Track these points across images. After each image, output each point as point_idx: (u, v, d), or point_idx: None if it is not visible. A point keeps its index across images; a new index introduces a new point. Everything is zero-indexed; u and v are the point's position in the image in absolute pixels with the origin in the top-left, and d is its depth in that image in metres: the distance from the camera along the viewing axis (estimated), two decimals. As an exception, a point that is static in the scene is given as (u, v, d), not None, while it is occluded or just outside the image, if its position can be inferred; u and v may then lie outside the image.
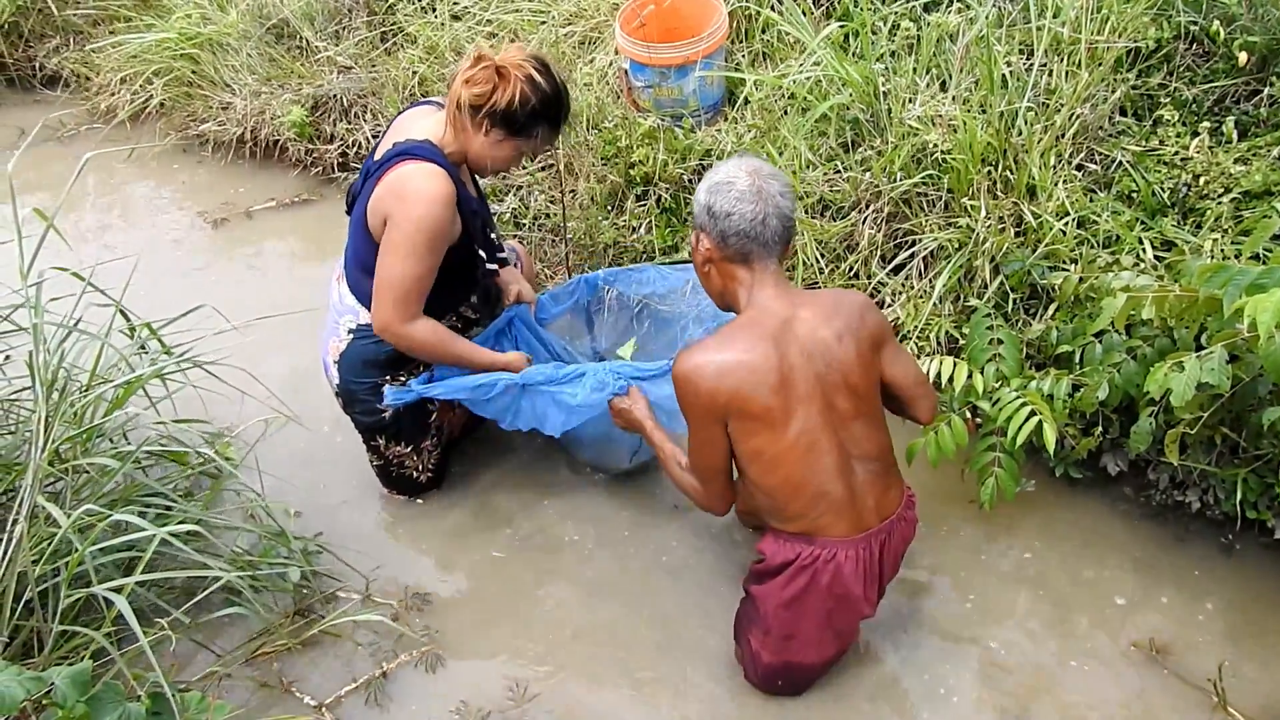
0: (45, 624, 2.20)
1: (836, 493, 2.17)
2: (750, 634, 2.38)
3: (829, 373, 2.12)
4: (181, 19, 4.49)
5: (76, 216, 4.18)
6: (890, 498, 2.27)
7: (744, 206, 2.08)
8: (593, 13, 3.89)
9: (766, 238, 2.10)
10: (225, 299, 2.96)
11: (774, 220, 2.09)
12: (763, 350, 2.08)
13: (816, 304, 2.16)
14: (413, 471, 2.86)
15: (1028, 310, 2.88)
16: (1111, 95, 3.01)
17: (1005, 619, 2.58)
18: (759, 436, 2.11)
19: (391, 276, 2.37)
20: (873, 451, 2.22)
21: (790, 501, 2.18)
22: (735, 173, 2.11)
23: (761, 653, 2.35)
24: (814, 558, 2.20)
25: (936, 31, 3.14)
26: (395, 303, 2.40)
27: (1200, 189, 2.83)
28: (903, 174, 2.99)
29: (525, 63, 2.33)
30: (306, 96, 4.17)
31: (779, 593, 2.26)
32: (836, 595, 2.24)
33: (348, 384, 2.65)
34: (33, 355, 2.27)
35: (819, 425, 2.12)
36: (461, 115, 2.36)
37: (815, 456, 2.13)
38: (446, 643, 2.60)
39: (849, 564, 2.21)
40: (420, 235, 2.33)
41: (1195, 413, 2.35)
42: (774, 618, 2.29)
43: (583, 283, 2.97)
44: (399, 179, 2.34)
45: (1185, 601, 2.58)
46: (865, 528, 2.22)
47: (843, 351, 2.13)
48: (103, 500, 2.38)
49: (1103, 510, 2.79)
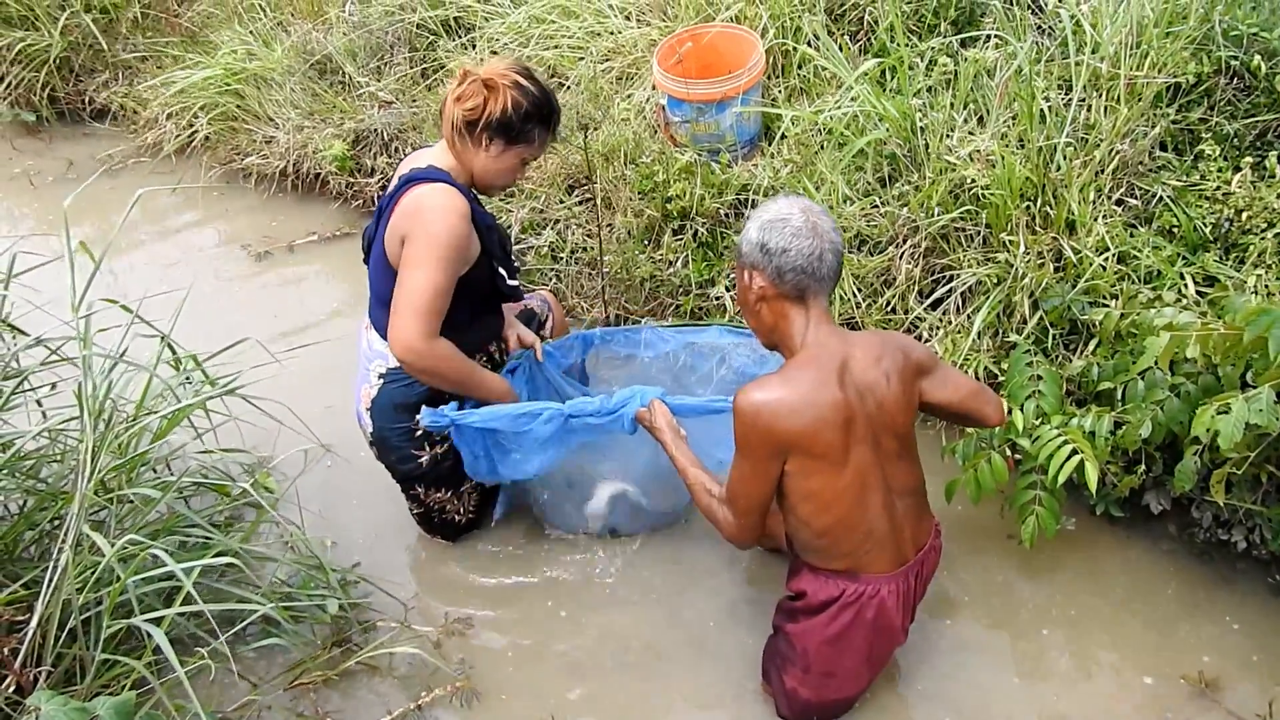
0: (87, 652, 2.22)
1: (882, 530, 2.17)
2: (786, 672, 2.36)
3: (879, 414, 2.12)
4: (228, 55, 4.59)
5: (123, 248, 4.25)
6: (924, 528, 2.29)
7: (801, 243, 2.07)
8: (630, 49, 3.93)
9: (823, 274, 2.10)
10: (266, 331, 3.01)
11: (830, 256, 2.09)
12: (830, 391, 2.06)
13: (866, 344, 2.16)
14: (454, 515, 2.85)
15: (1068, 346, 2.85)
16: (1152, 130, 3.00)
17: (1047, 656, 2.55)
18: (818, 476, 2.10)
19: (411, 289, 2.32)
20: (910, 486, 2.24)
21: (841, 541, 2.17)
22: (789, 209, 2.11)
23: (800, 690, 2.34)
24: (859, 594, 2.20)
25: (974, 67, 3.14)
26: (415, 314, 2.32)
27: (1243, 224, 2.80)
28: (940, 209, 2.99)
29: (509, 71, 2.36)
30: (348, 131, 4.24)
31: (822, 630, 2.25)
32: (879, 628, 2.24)
33: (381, 430, 2.60)
34: (81, 386, 2.31)
35: (870, 465, 2.12)
36: (460, 136, 2.38)
37: (867, 495, 2.13)
38: (482, 676, 2.60)
39: (891, 598, 2.22)
40: (438, 247, 2.30)
41: (1242, 452, 2.31)
42: (815, 655, 2.28)
43: (579, 339, 2.92)
44: (412, 200, 2.34)
45: (1233, 640, 2.53)
46: (904, 561, 2.23)
47: (891, 392, 2.13)
48: (145, 530, 2.41)
49: (1146, 549, 2.75)
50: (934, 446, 2.99)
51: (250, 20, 4.77)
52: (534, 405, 2.48)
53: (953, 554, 2.80)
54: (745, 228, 2.16)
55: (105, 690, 2.24)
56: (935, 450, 2.96)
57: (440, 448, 2.63)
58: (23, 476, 2.51)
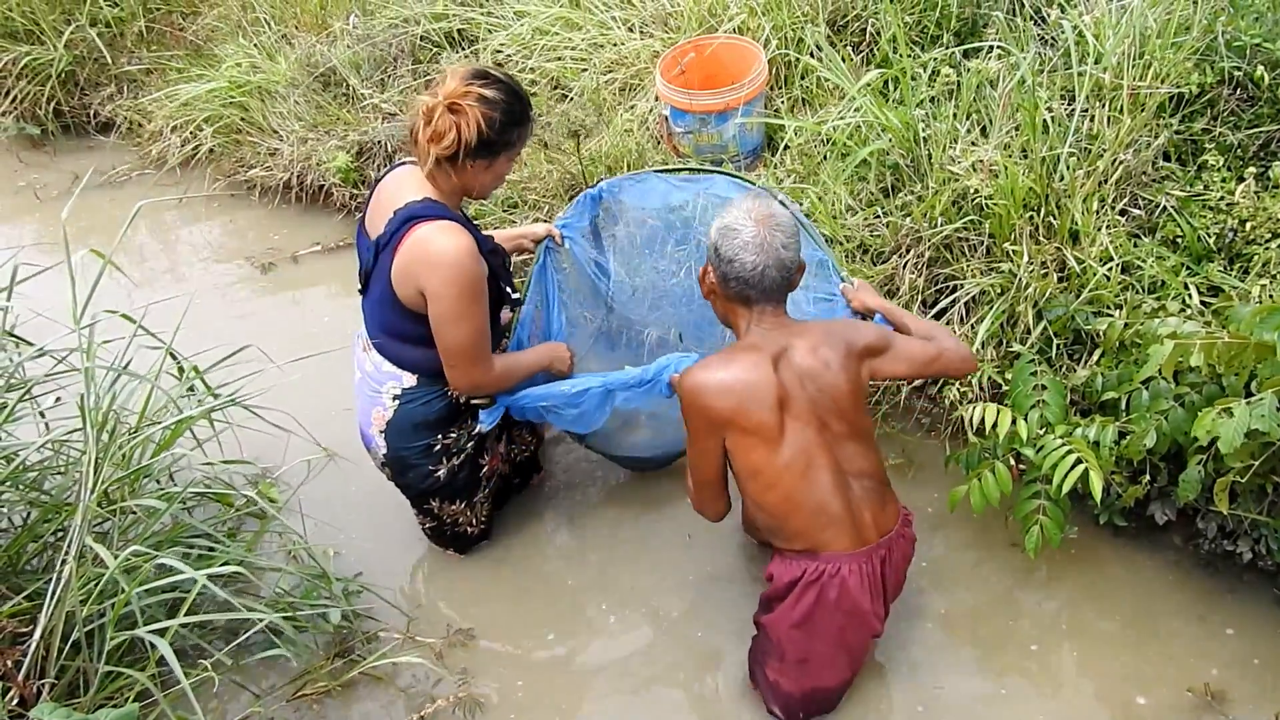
0: (91, 664, 2.22)
1: (835, 508, 2.23)
2: (767, 666, 2.42)
3: (821, 397, 2.22)
4: (232, 68, 4.61)
5: (127, 260, 4.26)
6: (888, 514, 2.33)
7: (746, 256, 2.18)
8: (634, 60, 3.94)
9: (764, 287, 2.21)
10: (271, 342, 3.00)
11: (773, 272, 2.19)
12: (763, 371, 2.19)
13: (807, 334, 2.27)
14: (466, 528, 2.85)
15: (1072, 356, 2.85)
16: (1155, 140, 2.99)
17: (1050, 666, 2.54)
18: (756, 452, 2.20)
19: (460, 344, 2.35)
20: (867, 469, 2.30)
21: (789, 519, 2.24)
22: (744, 220, 2.20)
23: (780, 682, 2.39)
24: (819, 572, 2.26)
25: (977, 78, 3.14)
26: (472, 363, 2.39)
27: (1246, 234, 2.80)
28: (943, 219, 2.99)
29: (470, 88, 2.24)
30: (351, 143, 4.25)
31: (789, 613, 2.31)
32: (845, 610, 2.28)
33: (398, 451, 2.59)
34: (84, 398, 2.31)
35: (815, 444, 2.22)
36: (443, 168, 2.30)
37: (813, 474, 2.21)
38: (485, 686, 2.59)
39: (854, 577, 2.26)
40: (465, 296, 2.30)
41: (1245, 461, 2.31)
42: (787, 641, 2.34)
43: (587, 199, 2.91)
44: (419, 245, 2.28)
45: (1239, 652, 2.52)
46: (866, 542, 2.27)
47: (832, 377, 2.23)
48: (149, 541, 2.40)
49: (1150, 559, 2.74)
50: (937, 456, 2.99)
51: (254, 33, 4.79)
52: (579, 382, 2.53)
53: (955, 563, 2.80)
54: (712, 223, 2.26)
55: (109, 702, 2.23)
56: (939, 459, 2.96)
57: (456, 460, 2.63)
58: (26, 488, 2.51)
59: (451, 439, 2.60)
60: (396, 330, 2.44)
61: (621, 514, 3.03)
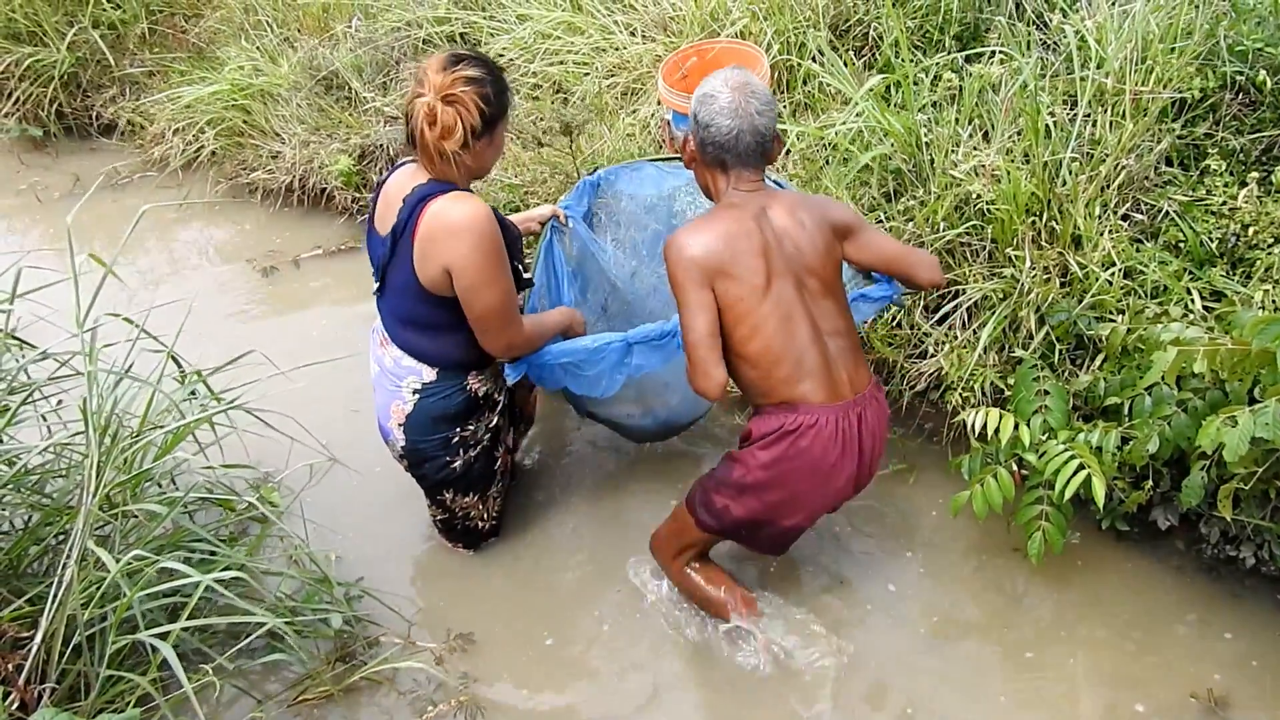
0: (92, 668, 2.22)
1: (812, 361, 2.32)
2: (719, 493, 2.47)
3: (797, 254, 2.33)
4: (234, 70, 4.61)
5: (129, 262, 4.26)
6: (861, 374, 2.41)
7: (721, 121, 2.28)
8: (635, 65, 3.94)
9: (739, 151, 2.30)
10: (273, 346, 3.00)
11: (748, 137, 2.29)
12: (746, 224, 2.30)
13: (785, 199, 2.38)
14: (478, 522, 2.86)
15: (1074, 361, 2.85)
16: (1157, 145, 2.99)
17: (1052, 671, 2.53)
18: (743, 302, 2.28)
19: (490, 307, 2.40)
20: (841, 328, 2.39)
21: (772, 370, 2.32)
22: (720, 87, 2.30)
23: (730, 507, 2.46)
24: (798, 424, 2.32)
25: (979, 83, 3.14)
26: (505, 325, 2.44)
27: (1249, 239, 2.80)
28: (945, 224, 2.99)
29: (454, 74, 2.29)
30: (354, 146, 4.26)
31: (759, 454, 2.38)
32: (814, 459, 2.34)
33: (415, 445, 2.63)
34: (86, 401, 2.31)
35: (793, 298, 2.31)
36: (461, 156, 2.36)
37: (792, 325, 2.30)
38: (486, 690, 2.59)
39: (829, 429, 2.33)
40: (491, 258, 2.36)
41: (1249, 467, 2.31)
42: (750, 478, 2.40)
43: (587, 185, 3.04)
44: (437, 219, 2.34)
45: (1242, 658, 2.52)
46: (842, 397, 2.35)
47: (807, 237, 2.34)
48: (150, 545, 2.40)
49: (1153, 565, 2.74)
50: (940, 461, 2.99)
51: (257, 36, 4.80)
52: (599, 338, 2.56)
53: (957, 568, 2.80)
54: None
55: (110, 707, 2.23)
56: (941, 464, 2.96)
57: (473, 452, 2.67)
58: (28, 491, 2.51)
59: (469, 432, 2.64)
60: (419, 319, 2.49)
61: (624, 518, 3.02)
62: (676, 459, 3.19)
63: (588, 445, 3.30)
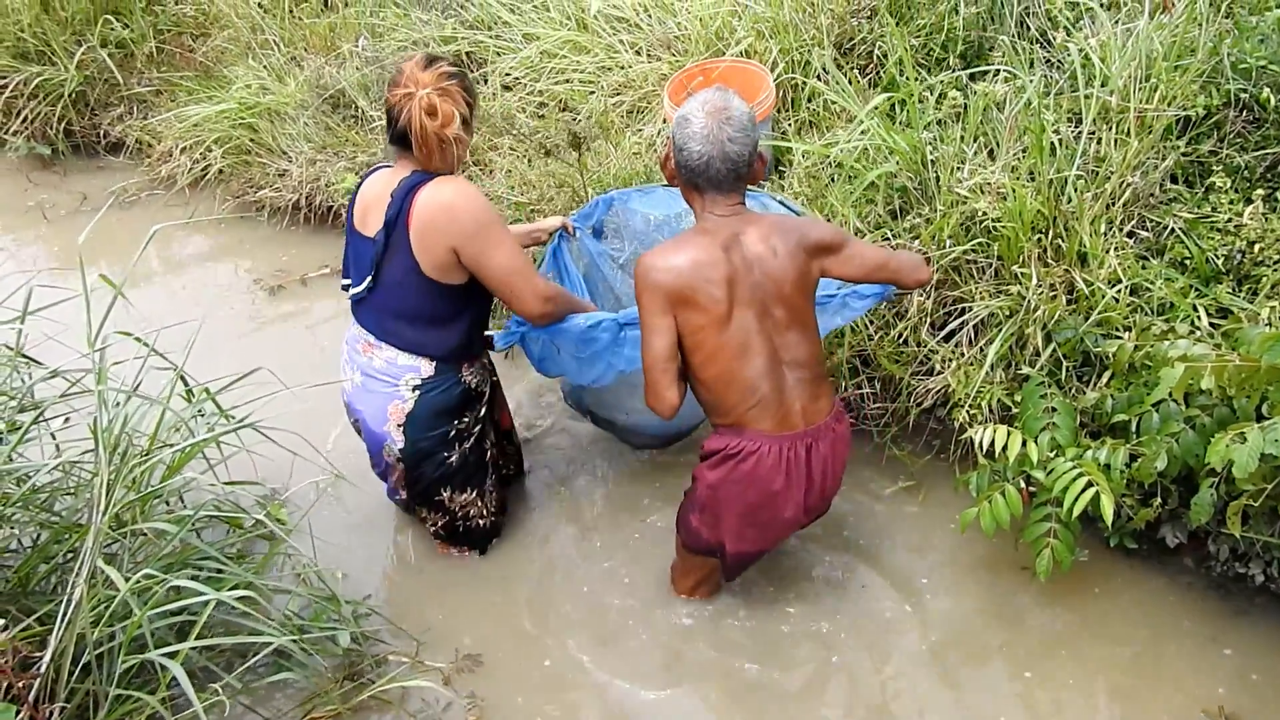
0: (102, 687, 2.22)
1: (765, 392, 2.35)
2: (691, 514, 2.55)
3: (766, 282, 2.32)
4: (241, 89, 4.64)
5: (136, 281, 4.27)
6: (819, 406, 2.43)
7: (693, 146, 2.29)
8: (641, 83, 3.96)
9: (710, 176, 2.30)
10: (280, 364, 3.00)
11: (718, 164, 2.28)
12: (713, 253, 2.29)
13: (760, 224, 2.36)
14: (478, 520, 2.88)
15: (1081, 378, 2.85)
16: (1162, 163, 3.00)
17: (1060, 689, 2.53)
18: (704, 332, 2.30)
19: (507, 267, 2.49)
20: (803, 359, 2.39)
21: (724, 395, 2.36)
22: (697, 111, 2.30)
23: (700, 528, 2.53)
24: (740, 448, 2.38)
25: (983, 100, 3.16)
26: (528, 278, 2.52)
27: (1255, 255, 2.80)
28: (952, 241, 2.99)
29: (439, 71, 2.43)
30: (361, 164, 4.27)
31: (707, 475, 2.45)
32: (756, 486, 2.39)
33: (416, 444, 2.68)
34: (97, 420, 2.32)
35: (754, 328, 2.32)
36: (465, 139, 2.52)
37: (748, 356, 2.32)
38: (494, 710, 2.58)
39: (771, 457, 2.37)
40: (492, 224, 2.47)
41: (1258, 484, 2.30)
42: (704, 497, 2.48)
43: (601, 202, 3.10)
44: (431, 204, 2.45)
45: (1251, 674, 2.51)
46: (790, 428, 2.39)
47: (778, 265, 2.33)
48: (159, 563, 2.40)
49: (1161, 582, 2.74)
50: (947, 478, 2.99)
51: (264, 55, 4.83)
52: (593, 316, 2.61)
53: (966, 585, 2.79)
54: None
55: (119, 726, 2.23)
56: (949, 482, 2.96)
57: (467, 444, 2.73)
58: (37, 510, 2.51)
59: (465, 423, 2.72)
60: (420, 311, 2.57)
61: (632, 531, 3.02)
62: (683, 470, 3.18)
63: (595, 457, 3.30)
